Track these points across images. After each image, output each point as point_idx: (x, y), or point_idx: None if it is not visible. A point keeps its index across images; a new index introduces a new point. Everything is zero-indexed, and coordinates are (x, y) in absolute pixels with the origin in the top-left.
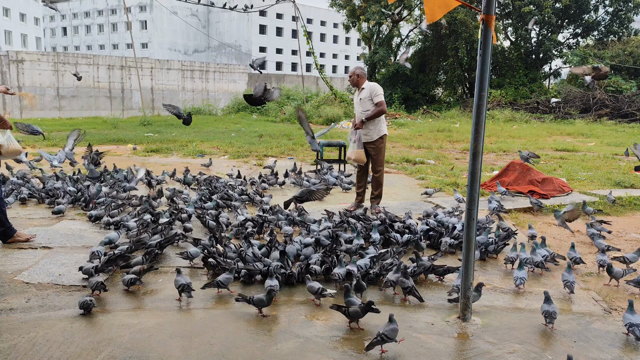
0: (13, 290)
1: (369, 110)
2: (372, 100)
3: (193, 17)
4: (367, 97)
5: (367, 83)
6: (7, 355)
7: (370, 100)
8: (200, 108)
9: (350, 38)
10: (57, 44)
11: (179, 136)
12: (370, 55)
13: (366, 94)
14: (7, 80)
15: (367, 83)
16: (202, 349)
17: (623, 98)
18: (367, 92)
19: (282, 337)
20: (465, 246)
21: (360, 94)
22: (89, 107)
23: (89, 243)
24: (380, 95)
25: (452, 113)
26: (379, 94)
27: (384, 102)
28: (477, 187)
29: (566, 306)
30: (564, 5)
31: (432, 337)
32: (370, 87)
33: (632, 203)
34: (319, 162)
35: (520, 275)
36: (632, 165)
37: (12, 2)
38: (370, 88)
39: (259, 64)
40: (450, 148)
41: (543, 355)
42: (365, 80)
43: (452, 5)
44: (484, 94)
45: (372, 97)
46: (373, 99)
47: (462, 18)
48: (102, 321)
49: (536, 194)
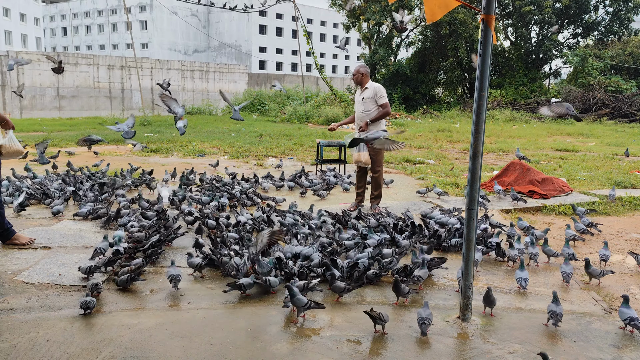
0: (13, 290)
1: (370, 110)
2: (375, 101)
3: (193, 17)
4: (370, 97)
5: (370, 83)
6: (7, 355)
7: (373, 101)
8: (200, 108)
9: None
10: (57, 44)
11: (179, 136)
12: (370, 55)
13: (369, 94)
14: (7, 80)
15: (370, 83)
16: (202, 349)
17: (623, 98)
18: (371, 92)
19: (282, 337)
20: (465, 246)
21: (363, 93)
22: (89, 107)
23: (89, 243)
24: (385, 97)
25: (452, 113)
26: (383, 95)
27: (388, 104)
28: (477, 187)
29: (566, 306)
30: (564, 5)
31: (432, 337)
32: (375, 88)
33: (632, 203)
34: (319, 162)
35: (522, 277)
36: (632, 166)
37: (12, 2)
38: (375, 89)
39: (167, 83)
40: (450, 148)
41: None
42: (369, 79)
43: (452, 5)
44: (484, 94)
45: (376, 98)
46: (377, 100)
47: (462, 18)
48: (102, 321)
49: (536, 194)
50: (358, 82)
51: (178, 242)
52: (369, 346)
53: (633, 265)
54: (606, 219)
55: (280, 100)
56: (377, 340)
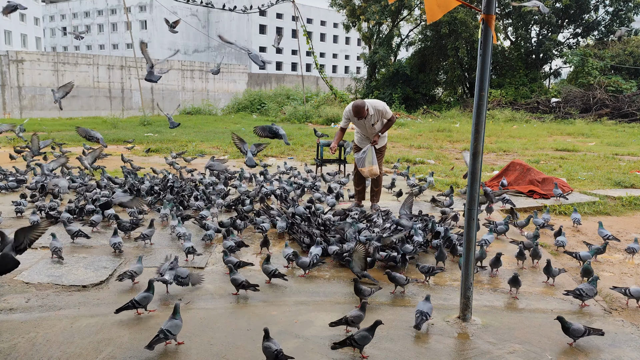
0: (13, 290)
1: (380, 127)
2: (382, 120)
3: (193, 17)
4: (377, 119)
5: (369, 108)
6: (7, 355)
7: (380, 120)
8: (200, 108)
9: (350, 38)
10: (57, 44)
11: (179, 136)
12: (370, 55)
13: (376, 118)
14: (7, 80)
15: (369, 108)
16: (202, 349)
17: (623, 98)
18: (376, 115)
19: (282, 337)
20: (465, 246)
21: (367, 121)
22: (88, 107)
23: (89, 243)
24: (389, 111)
25: (452, 113)
26: (387, 111)
27: (393, 114)
28: (477, 187)
29: (566, 306)
30: (564, 5)
31: (432, 337)
32: (377, 110)
33: (632, 203)
34: (318, 162)
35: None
36: (632, 166)
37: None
38: (377, 111)
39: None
40: (450, 148)
41: (543, 355)
42: (366, 104)
43: (452, 5)
44: (484, 94)
45: (383, 117)
46: (385, 117)
47: (462, 18)
48: (102, 321)
49: (536, 194)
50: (364, 116)
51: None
52: (369, 346)
53: (634, 265)
54: (606, 218)
55: (280, 100)
56: (377, 340)
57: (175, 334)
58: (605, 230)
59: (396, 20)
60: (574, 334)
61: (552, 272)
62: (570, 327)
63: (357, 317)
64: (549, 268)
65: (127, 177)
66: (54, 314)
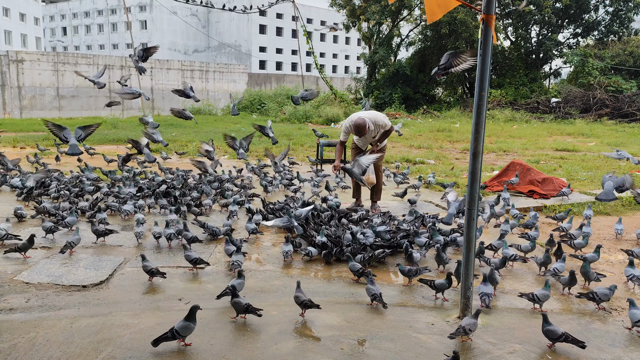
0: (13, 290)
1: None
2: (381, 130)
3: (193, 17)
4: (378, 132)
5: (369, 124)
6: (7, 355)
7: (379, 132)
8: (200, 108)
9: (350, 38)
10: (56, 44)
11: (179, 136)
12: (370, 55)
13: (376, 131)
14: (7, 80)
15: (369, 124)
16: (202, 349)
17: (623, 98)
18: (376, 129)
19: (282, 337)
20: (465, 246)
21: (368, 135)
22: (88, 107)
23: (89, 243)
24: (388, 122)
25: (452, 113)
26: (386, 122)
27: (391, 125)
28: (477, 187)
29: (566, 306)
30: (564, 5)
31: (432, 337)
32: (377, 124)
33: (632, 203)
34: (318, 162)
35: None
36: (632, 166)
37: (12, 2)
38: (377, 125)
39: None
40: (450, 148)
41: (543, 355)
42: (365, 120)
43: (452, 5)
44: (484, 94)
45: (382, 129)
46: (385, 128)
47: (462, 18)
48: (102, 321)
49: (536, 194)
50: (365, 132)
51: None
52: (369, 346)
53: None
54: (606, 218)
55: (280, 100)
56: (377, 340)
57: (184, 335)
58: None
59: (396, 20)
60: (547, 334)
61: (590, 276)
62: (545, 327)
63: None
64: (588, 271)
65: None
66: (54, 314)
